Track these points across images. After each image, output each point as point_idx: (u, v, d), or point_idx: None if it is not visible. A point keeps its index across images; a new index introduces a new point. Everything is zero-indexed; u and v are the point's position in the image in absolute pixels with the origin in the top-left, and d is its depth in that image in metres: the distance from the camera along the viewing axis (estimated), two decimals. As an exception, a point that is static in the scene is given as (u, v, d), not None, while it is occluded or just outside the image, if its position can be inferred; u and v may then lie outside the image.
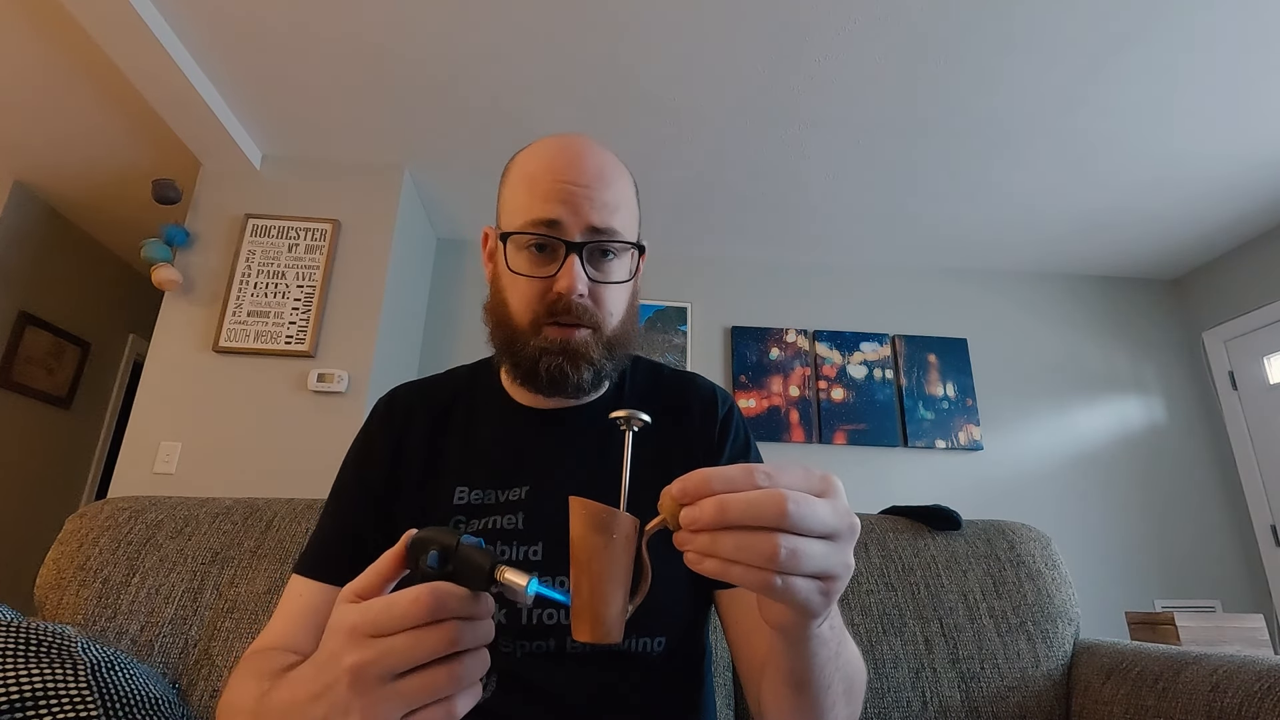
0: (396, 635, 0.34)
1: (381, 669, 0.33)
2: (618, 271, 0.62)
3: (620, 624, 0.37)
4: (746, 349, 3.09)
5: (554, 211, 0.58)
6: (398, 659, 0.33)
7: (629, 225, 0.62)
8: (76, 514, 0.95)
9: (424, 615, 0.33)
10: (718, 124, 2.37)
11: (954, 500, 1.21)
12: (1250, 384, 2.99)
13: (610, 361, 0.63)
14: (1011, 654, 0.96)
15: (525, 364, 0.61)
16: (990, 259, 3.26)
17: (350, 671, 0.34)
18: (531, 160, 0.61)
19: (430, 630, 0.34)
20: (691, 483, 0.33)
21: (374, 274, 2.50)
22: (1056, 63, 2.03)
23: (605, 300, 0.61)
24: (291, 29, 1.98)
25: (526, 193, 0.59)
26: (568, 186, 0.58)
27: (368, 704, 0.34)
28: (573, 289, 0.58)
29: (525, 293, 0.60)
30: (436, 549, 0.35)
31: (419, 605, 0.33)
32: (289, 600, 0.61)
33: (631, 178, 0.65)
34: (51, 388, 3.12)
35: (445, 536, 0.36)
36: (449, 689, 0.34)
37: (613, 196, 0.60)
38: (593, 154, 0.61)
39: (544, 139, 0.63)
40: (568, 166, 0.59)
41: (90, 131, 2.50)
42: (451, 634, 0.34)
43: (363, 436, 0.69)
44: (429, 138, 2.49)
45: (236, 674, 0.52)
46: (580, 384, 0.61)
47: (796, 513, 0.31)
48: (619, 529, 0.37)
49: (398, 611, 0.34)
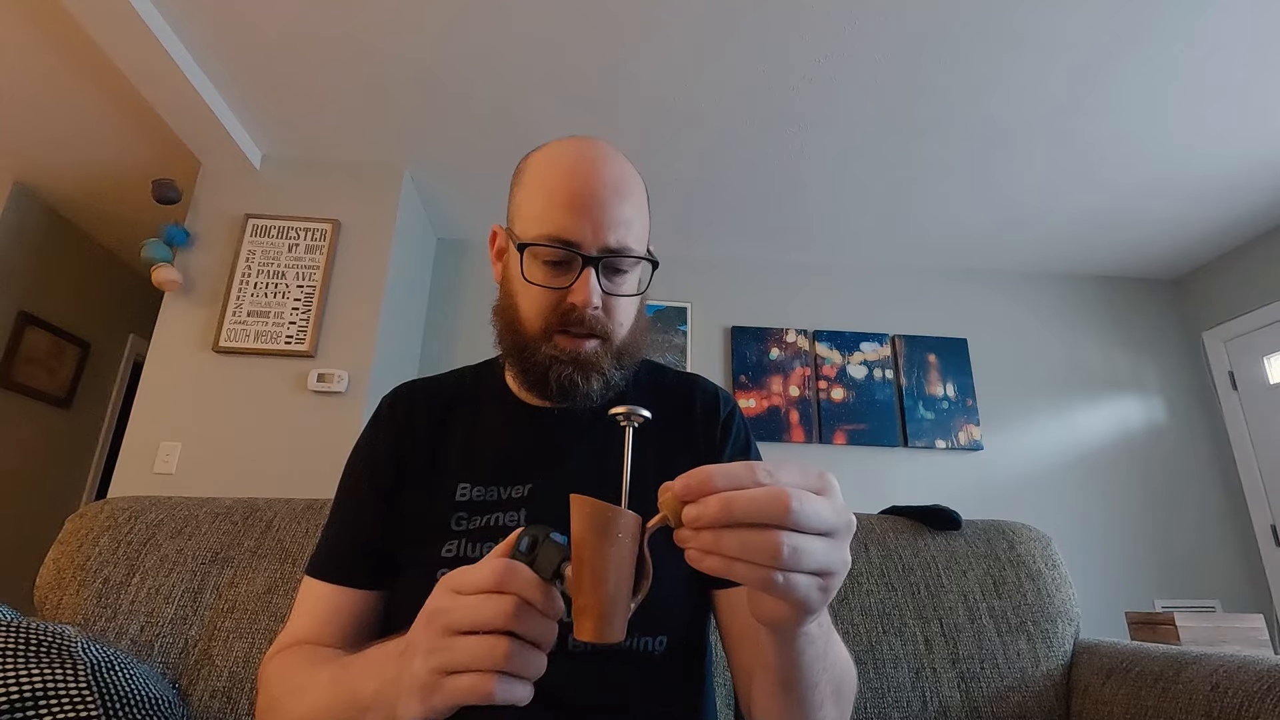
0: (469, 595, 0.38)
1: (447, 619, 0.37)
2: (629, 284, 0.63)
3: (623, 623, 0.37)
4: (746, 349, 3.09)
5: (572, 228, 0.58)
6: (460, 614, 0.37)
7: (642, 238, 0.63)
8: (76, 514, 0.95)
9: (492, 581, 0.37)
10: (718, 124, 2.37)
11: (954, 500, 1.21)
12: (1250, 384, 2.99)
13: (619, 371, 0.64)
14: (1011, 654, 0.96)
15: (535, 371, 0.62)
16: (990, 259, 3.27)
17: (427, 614, 0.39)
18: (548, 168, 0.61)
19: (493, 597, 0.37)
20: (695, 480, 0.33)
21: (374, 274, 2.50)
22: (1056, 63, 2.03)
23: (616, 312, 0.62)
24: (292, 29, 1.98)
25: (544, 204, 0.59)
26: (585, 201, 0.58)
27: (430, 647, 0.38)
28: (588, 302, 0.58)
29: (539, 301, 0.61)
30: (528, 537, 0.39)
31: (490, 570, 0.37)
32: (308, 601, 0.62)
33: (644, 184, 0.66)
34: (51, 388, 3.12)
35: (538, 530, 0.39)
36: (488, 662, 0.36)
37: (629, 211, 0.60)
38: (610, 166, 0.61)
39: (562, 143, 0.63)
40: (586, 179, 0.59)
41: (90, 131, 2.50)
42: (510, 607, 0.36)
43: (368, 435, 0.69)
44: (429, 138, 2.49)
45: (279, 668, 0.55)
46: (590, 394, 0.62)
47: (799, 510, 0.32)
48: (621, 527, 0.37)
49: (474, 575, 0.38)
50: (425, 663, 0.38)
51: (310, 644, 0.59)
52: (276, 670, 0.56)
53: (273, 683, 0.55)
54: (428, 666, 0.37)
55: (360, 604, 0.61)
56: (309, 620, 0.61)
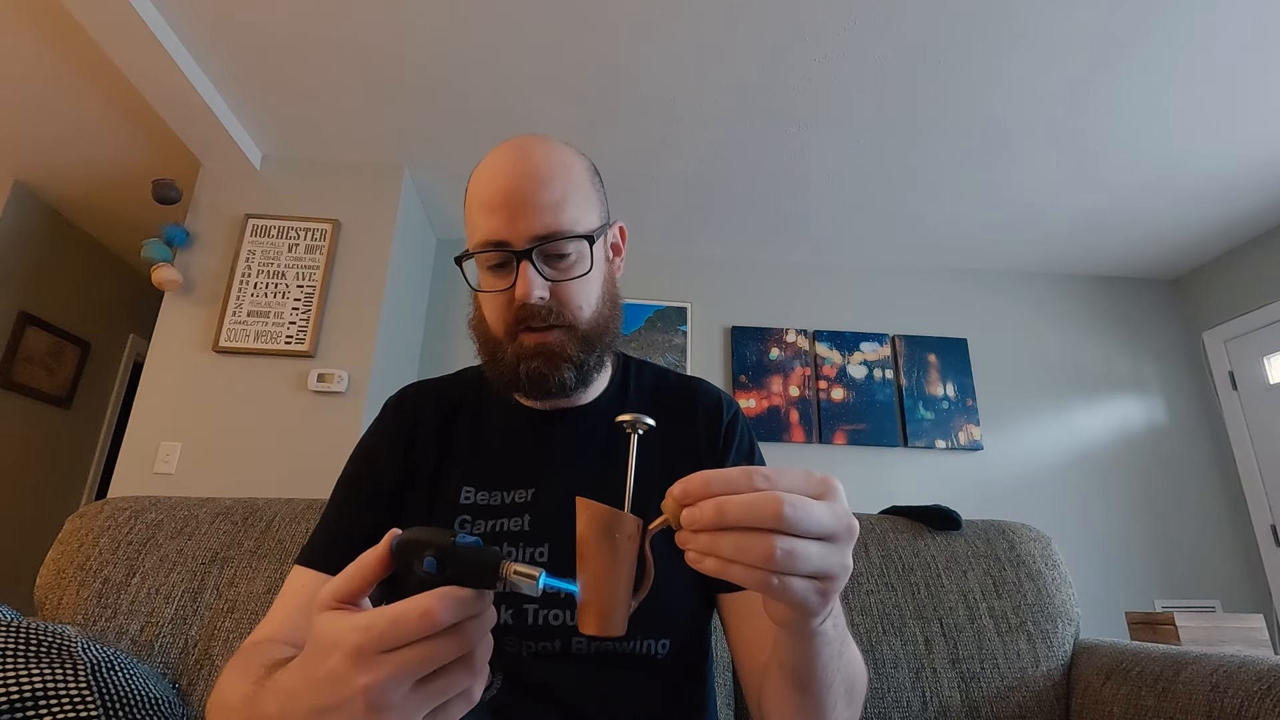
0: (409, 648, 0.32)
1: (400, 683, 0.32)
2: (578, 266, 0.61)
3: (624, 618, 0.39)
4: (746, 349, 3.09)
5: (496, 227, 0.58)
6: (415, 669, 0.32)
7: (579, 217, 0.60)
8: (76, 514, 0.95)
9: (438, 628, 0.32)
10: (718, 124, 2.37)
11: (954, 500, 1.21)
12: (1250, 384, 2.99)
13: (591, 355, 0.63)
14: (1011, 654, 0.96)
15: (506, 371, 0.62)
16: (990, 259, 3.26)
17: (365, 692, 0.32)
18: (476, 178, 0.62)
19: (445, 638, 0.32)
20: (693, 484, 0.34)
21: (374, 274, 2.50)
22: (1056, 63, 2.03)
23: (571, 296, 0.61)
24: (292, 29, 1.98)
25: (475, 211, 0.60)
26: (505, 198, 0.58)
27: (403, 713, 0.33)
28: (529, 294, 0.58)
29: (494, 306, 0.62)
30: (432, 553, 0.34)
31: (431, 619, 0.32)
32: (290, 591, 0.60)
33: (582, 161, 0.64)
34: (51, 388, 3.12)
35: (438, 538, 0.34)
36: (468, 682, 0.34)
37: (554, 194, 0.59)
38: (527, 156, 0.60)
39: (490, 153, 0.62)
40: (504, 176, 0.59)
41: (90, 131, 2.50)
42: (467, 636, 0.33)
43: (372, 433, 0.69)
44: (429, 138, 2.49)
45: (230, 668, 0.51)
46: (564, 383, 0.61)
47: (792, 515, 0.32)
48: (623, 529, 0.38)
49: (408, 628, 0.32)
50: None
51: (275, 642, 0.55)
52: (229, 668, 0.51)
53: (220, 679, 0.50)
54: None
55: None
56: (283, 613, 0.58)
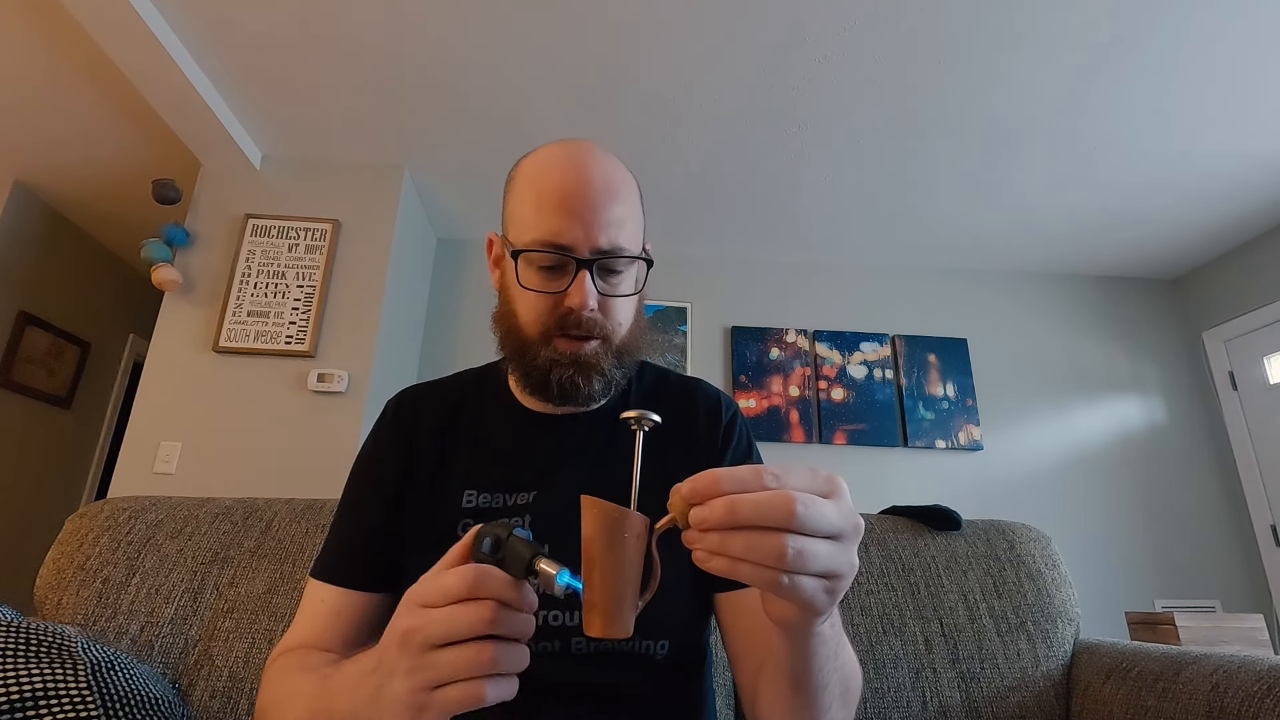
0: (441, 607, 0.37)
1: (424, 636, 0.36)
2: (625, 284, 0.63)
3: (630, 619, 0.38)
4: (746, 349, 3.09)
5: (564, 232, 0.58)
6: (437, 628, 0.36)
7: (635, 237, 0.62)
8: (76, 514, 0.95)
9: (463, 589, 0.36)
10: (717, 124, 2.37)
11: (954, 500, 1.21)
12: (1250, 384, 2.99)
13: (620, 370, 0.64)
14: (1011, 654, 0.96)
15: (537, 375, 0.62)
16: (990, 259, 3.26)
17: (399, 634, 0.38)
18: (538, 173, 0.61)
19: (468, 605, 0.36)
20: (702, 483, 0.34)
21: (374, 274, 2.50)
22: (1056, 63, 2.03)
23: (614, 312, 0.62)
24: (291, 29, 1.98)
25: (534, 209, 0.60)
26: (576, 204, 0.58)
27: (409, 667, 0.37)
28: (584, 304, 0.59)
29: (536, 306, 0.61)
30: (490, 537, 0.39)
31: (460, 578, 0.36)
32: (311, 604, 0.62)
33: (636, 183, 0.66)
34: (51, 388, 3.12)
35: (499, 528, 0.39)
36: (476, 669, 0.36)
37: (620, 211, 0.60)
38: (599, 167, 0.60)
39: (549, 147, 0.63)
40: (575, 181, 0.59)
41: (90, 131, 2.50)
42: (488, 613, 0.36)
43: (373, 439, 0.69)
44: (429, 138, 2.49)
45: (276, 673, 0.55)
46: (591, 394, 0.62)
47: (804, 514, 0.32)
48: (630, 528, 0.38)
49: (441, 585, 0.37)
50: (407, 682, 0.37)
51: (309, 648, 0.59)
52: (274, 674, 0.56)
53: (269, 687, 0.55)
54: (410, 686, 0.37)
55: (363, 606, 0.62)
56: (312, 622, 0.61)
